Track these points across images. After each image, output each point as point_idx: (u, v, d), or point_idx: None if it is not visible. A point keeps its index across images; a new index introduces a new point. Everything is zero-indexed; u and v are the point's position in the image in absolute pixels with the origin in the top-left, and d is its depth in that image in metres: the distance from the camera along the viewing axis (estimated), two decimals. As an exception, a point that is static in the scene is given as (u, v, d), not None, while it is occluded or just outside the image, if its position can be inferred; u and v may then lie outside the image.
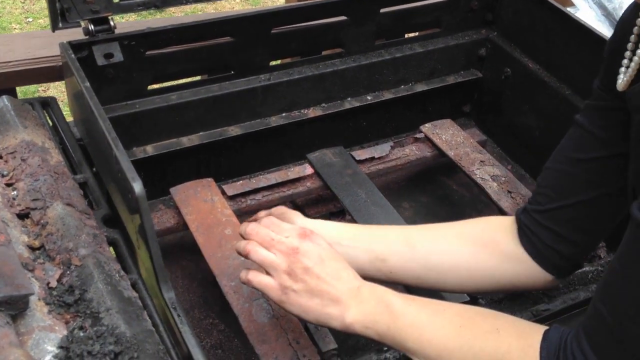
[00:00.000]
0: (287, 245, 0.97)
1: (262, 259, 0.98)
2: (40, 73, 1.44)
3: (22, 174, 1.07)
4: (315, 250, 0.97)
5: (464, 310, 0.94)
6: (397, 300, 0.95)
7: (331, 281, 0.95)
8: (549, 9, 1.48)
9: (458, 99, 1.73)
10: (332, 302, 0.95)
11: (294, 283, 0.95)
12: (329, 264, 0.97)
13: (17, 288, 0.83)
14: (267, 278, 0.98)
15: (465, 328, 0.90)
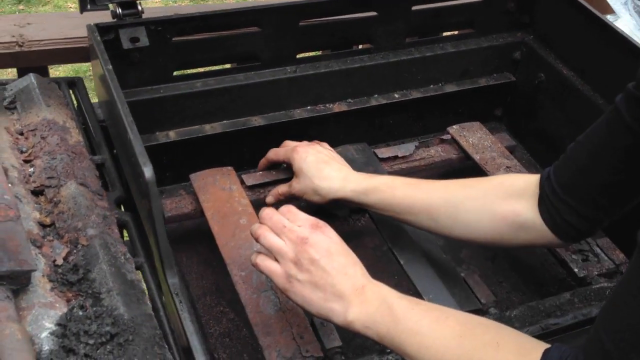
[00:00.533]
0: (297, 234, 0.97)
1: (270, 244, 0.99)
2: (71, 53, 1.47)
3: (41, 152, 1.08)
4: (325, 243, 0.97)
5: (466, 320, 0.93)
6: (401, 303, 0.94)
7: (336, 276, 0.95)
8: (587, 15, 1.44)
9: (489, 102, 1.70)
10: (335, 298, 0.95)
11: (299, 273, 0.96)
12: (337, 259, 0.97)
13: (20, 263, 0.84)
14: (274, 264, 0.99)
15: (465, 339, 0.89)
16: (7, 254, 0.84)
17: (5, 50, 1.42)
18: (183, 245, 1.38)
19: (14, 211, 0.90)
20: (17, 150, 1.08)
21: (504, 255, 1.41)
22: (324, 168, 1.27)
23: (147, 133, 1.35)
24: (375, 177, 1.26)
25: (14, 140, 1.10)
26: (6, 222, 0.88)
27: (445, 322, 0.91)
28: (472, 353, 0.87)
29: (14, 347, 0.76)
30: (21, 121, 1.14)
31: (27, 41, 1.43)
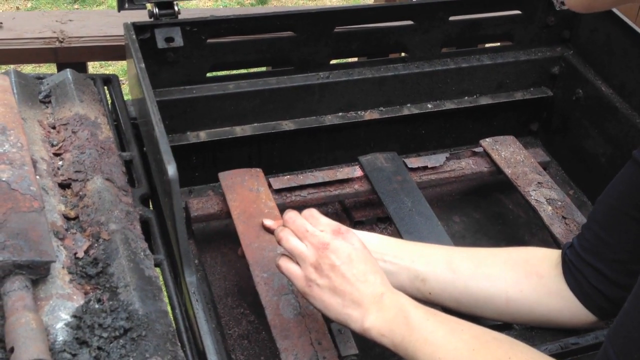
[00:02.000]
0: (319, 239, 0.98)
1: (292, 247, 0.99)
2: (109, 50, 1.50)
3: (70, 146, 1.10)
4: (346, 250, 0.97)
5: (481, 334, 0.92)
6: (417, 312, 0.94)
7: (355, 283, 0.95)
8: (629, 32, 1.42)
9: (525, 117, 1.68)
10: (353, 304, 0.95)
11: (319, 278, 0.96)
12: (357, 266, 0.96)
13: (40, 254, 0.86)
14: (295, 267, 0.99)
15: (478, 353, 0.88)
16: (28, 244, 0.86)
17: (45, 45, 1.45)
18: (208, 246, 1.39)
19: (38, 202, 0.92)
20: (48, 143, 1.11)
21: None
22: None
23: (178, 132, 1.37)
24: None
25: (46, 134, 1.12)
26: (30, 212, 0.90)
27: (460, 334, 0.90)
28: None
29: (28, 335, 0.77)
30: (54, 115, 1.16)
31: (67, 37, 1.46)
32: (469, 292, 1.08)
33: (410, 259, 1.10)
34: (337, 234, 0.99)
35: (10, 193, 0.91)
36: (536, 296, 1.05)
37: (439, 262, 1.10)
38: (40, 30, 1.47)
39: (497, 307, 1.08)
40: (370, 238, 1.12)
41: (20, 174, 0.95)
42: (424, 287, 1.09)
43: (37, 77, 1.25)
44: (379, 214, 1.48)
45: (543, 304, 1.06)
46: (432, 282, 1.09)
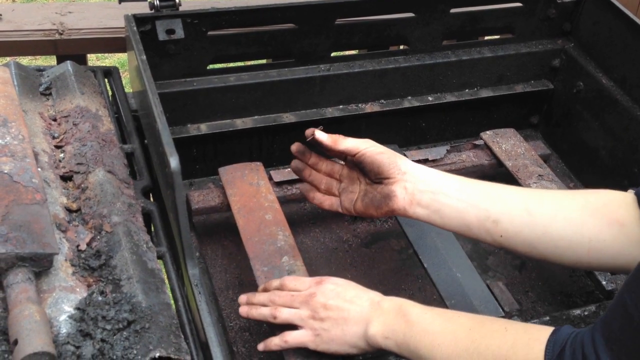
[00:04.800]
0: (305, 294, 1.01)
1: (287, 317, 1.01)
2: (110, 43, 1.49)
3: (72, 138, 1.10)
4: (330, 287, 1.01)
5: (477, 317, 0.95)
6: (414, 309, 0.96)
7: (350, 306, 0.98)
8: (631, 25, 1.41)
9: (526, 109, 1.67)
10: (356, 324, 0.97)
11: (321, 323, 0.98)
12: (348, 293, 1.00)
13: (43, 246, 0.86)
14: (299, 333, 1.00)
15: (474, 330, 0.90)
16: (31, 236, 0.86)
17: (45, 37, 1.45)
18: (209, 238, 1.39)
19: (40, 195, 0.92)
20: (49, 135, 1.10)
21: (532, 264, 1.39)
22: None
23: (178, 125, 1.37)
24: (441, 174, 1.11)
25: (47, 126, 1.12)
26: (32, 205, 0.90)
27: (456, 320, 0.93)
28: (480, 341, 0.88)
29: (31, 327, 0.77)
30: (55, 107, 1.16)
31: (67, 29, 1.46)
32: (548, 237, 1.01)
33: (480, 198, 1.03)
34: (319, 282, 1.02)
35: (12, 185, 0.91)
36: (619, 246, 0.99)
37: (513, 202, 1.02)
38: (39, 22, 1.47)
39: (577, 255, 1.01)
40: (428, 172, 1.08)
41: (22, 166, 0.95)
42: (495, 228, 1.02)
43: (38, 69, 1.25)
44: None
45: (626, 254, 0.99)
46: (505, 223, 1.02)
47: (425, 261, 1.28)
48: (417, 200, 1.05)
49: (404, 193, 1.06)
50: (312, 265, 1.35)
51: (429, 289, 1.31)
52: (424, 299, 1.31)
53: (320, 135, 1.10)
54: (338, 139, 1.10)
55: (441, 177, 1.07)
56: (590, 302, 1.20)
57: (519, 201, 1.03)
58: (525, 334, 0.86)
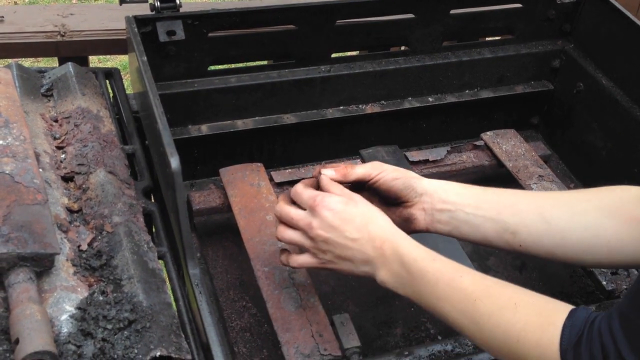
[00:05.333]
0: (303, 223, 0.99)
1: (289, 240, 1.01)
2: (111, 44, 1.49)
3: (73, 139, 1.11)
4: (327, 220, 0.97)
5: (481, 280, 0.91)
6: (416, 265, 0.94)
7: (353, 245, 0.97)
8: (631, 26, 1.42)
9: (526, 110, 1.68)
10: (363, 263, 0.97)
11: (324, 255, 0.99)
12: (345, 228, 0.97)
13: (44, 246, 0.86)
14: (303, 257, 1.01)
15: (481, 302, 0.87)
16: (32, 237, 0.86)
17: (47, 39, 1.45)
18: (210, 239, 1.40)
19: (41, 195, 0.92)
20: (51, 136, 1.11)
21: (532, 265, 1.39)
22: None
23: (179, 126, 1.37)
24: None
25: (48, 127, 1.12)
26: (34, 205, 0.90)
27: (460, 284, 0.90)
28: (487, 317, 0.85)
29: (33, 327, 0.78)
30: (56, 108, 1.17)
31: (68, 31, 1.46)
32: (566, 244, 1.01)
33: (496, 210, 1.03)
34: (314, 207, 0.98)
35: (13, 186, 0.92)
36: (639, 242, 0.98)
37: (529, 212, 1.02)
38: (41, 24, 1.47)
39: (598, 257, 1.01)
40: (446, 187, 1.06)
41: (24, 167, 0.95)
42: (513, 239, 1.03)
43: (39, 71, 1.26)
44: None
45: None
46: (523, 234, 1.02)
47: (425, 261, 1.28)
48: (436, 219, 1.06)
49: (423, 214, 1.06)
50: (313, 266, 1.35)
51: (430, 289, 1.32)
52: (425, 299, 1.31)
53: (328, 173, 1.07)
54: (347, 173, 1.07)
55: (458, 193, 1.06)
56: (590, 302, 1.20)
57: (534, 210, 1.03)
58: (538, 316, 0.82)
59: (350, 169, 1.06)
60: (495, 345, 0.86)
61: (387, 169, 1.06)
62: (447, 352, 1.05)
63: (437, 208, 1.05)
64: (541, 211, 1.02)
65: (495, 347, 0.86)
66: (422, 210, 1.06)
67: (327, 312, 1.12)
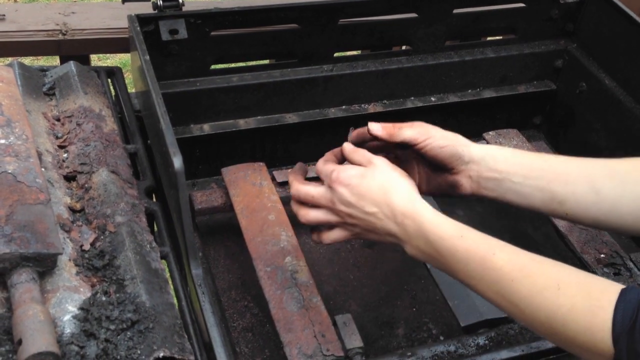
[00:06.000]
0: (325, 200, 0.97)
1: (315, 220, 1.00)
2: (113, 43, 1.49)
3: (75, 138, 1.10)
4: (344, 197, 0.95)
5: (515, 257, 0.86)
6: (443, 244, 0.90)
7: (373, 220, 0.94)
8: (634, 26, 1.41)
9: (528, 110, 1.67)
10: (388, 236, 0.95)
11: (352, 227, 0.98)
12: (362, 203, 0.94)
13: (47, 246, 0.86)
14: (335, 232, 1.00)
15: (519, 283, 0.83)
16: (35, 236, 0.86)
17: (49, 37, 1.45)
18: (212, 239, 1.39)
19: (44, 195, 0.92)
20: (53, 135, 1.10)
21: (534, 265, 1.39)
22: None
23: (181, 125, 1.37)
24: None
25: (50, 126, 1.12)
26: (36, 205, 0.90)
27: (493, 263, 0.85)
28: (528, 299, 0.82)
29: (35, 327, 0.77)
30: (58, 107, 1.16)
31: (70, 30, 1.46)
32: (615, 214, 0.98)
33: (546, 180, 1.00)
34: (331, 185, 0.97)
35: (16, 185, 0.91)
36: None
37: (578, 182, 0.99)
38: (43, 22, 1.47)
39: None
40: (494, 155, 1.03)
41: (26, 166, 0.95)
42: (560, 208, 1.01)
43: (41, 70, 1.25)
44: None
45: None
46: (571, 204, 1.00)
47: (428, 261, 1.27)
48: (483, 186, 1.04)
49: (470, 182, 1.04)
50: (315, 266, 1.35)
51: (432, 290, 1.31)
52: (427, 299, 1.31)
53: (374, 127, 1.03)
54: (394, 133, 1.03)
55: (507, 160, 1.03)
56: (593, 303, 1.20)
57: (584, 179, 1.00)
58: (585, 298, 0.78)
59: (398, 130, 1.02)
60: (538, 327, 0.83)
61: (434, 135, 1.02)
62: (450, 353, 1.05)
63: (484, 176, 1.03)
64: (591, 180, 0.99)
65: (539, 328, 0.83)
66: (469, 177, 1.04)
67: (329, 313, 1.12)
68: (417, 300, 1.32)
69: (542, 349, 1.04)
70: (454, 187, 1.05)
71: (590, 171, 1.01)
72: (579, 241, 1.33)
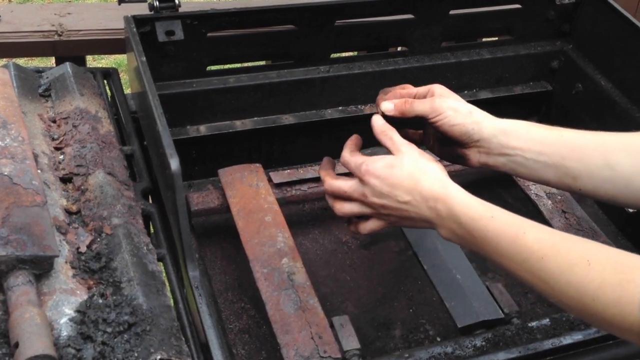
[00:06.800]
0: (358, 194, 0.99)
1: (351, 213, 1.02)
2: (109, 44, 1.49)
3: (71, 140, 1.10)
4: (376, 189, 0.97)
5: (546, 236, 0.87)
6: (475, 225, 0.91)
7: (408, 207, 0.96)
8: (630, 27, 1.41)
9: (524, 111, 1.67)
10: (422, 221, 0.97)
11: (387, 217, 0.99)
12: (395, 193, 0.96)
13: (44, 249, 0.85)
14: (371, 223, 1.02)
15: (549, 260, 0.83)
16: (32, 239, 0.85)
17: (44, 39, 1.45)
18: (208, 240, 1.39)
19: (40, 197, 0.92)
20: (49, 137, 1.10)
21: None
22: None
23: (177, 126, 1.37)
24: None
25: (47, 127, 1.11)
26: (32, 207, 0.89)
27: (524, 241, 0.86)
28: (558, 275, 0.82)
29: (32, 330, 0.77)
30: (54, 109, 1.16)
31: (66, 31, 1.45)
32: (630, 190, 0.98)
33: (560, 155, 1.01)
34: (361, 178, 0.98)
35: (12, 187, 0.91)
36: None
37: (594, 157, 0.99)
38: (39, 23, 1.46)
39: None
40: (507, 131, 1.04)
41: (22, 168, 0.95)
42: (574, 183, 1.01)
43: (37, 71, 1.25)
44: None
45: None
46: (585, 179, 1.00)
47: (424, 262, 1.28)
48: (492, 161, 1.05)
49: (478, 156, 1.05)
50: (312, 267, 1.35)
51: (429, 291, 1.31)
52: (424, 300, 1.31)
53: (386, 106, 1.06)
54: (406, 110, 1.05)
55: (520, 137, 1.03)
56: (589, 304, 1.20)
57: (599, 155, 0.99)
58: (616, 273, 0.78)
59: (409, 106, 1.04)
60: (568, 302, 0.83)
61: (445, 112, 1.03)
62: (447, 354, 1.05)
63: (495, 152, 1.04)
64: (606, 155, 0.99)
65: (568, 304, 0.83)
66: (478, 153, 1.05)
67: (326, 314, 1.12)
68: (413, 301, 1.32)
69: (539, 350, 1.04)
70: (464, 159, 1.07)
71: (606, 145, 1.00)
72: (575, 242, 1.33)
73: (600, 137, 1.02)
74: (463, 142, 1.05)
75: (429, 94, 1.07)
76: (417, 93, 1.08)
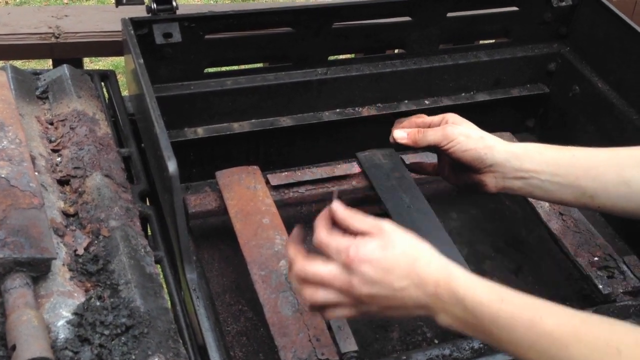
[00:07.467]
0: (341, 283, 0.86)
1: (325, 303, 0.89)
2: (106, 46, 1.49)
3: (69, 142, 1.10)
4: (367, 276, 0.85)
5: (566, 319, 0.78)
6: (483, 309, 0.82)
7: (402, 294, 0.85)
8: (626, 29, 1.42)
9: (522, 113, 1.68)
10: (417, 308, 0.87)
11: (369, 307, 0.88)
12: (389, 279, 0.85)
13: (41, 251, 0.85)
14: (344, 311, 0.89)
15: (574, 348, 0.75)
16: (29, 241, 0.85)
17: (41, 41, 1.45)
18: (205, 242, 1.39)
19: (38, 199, 0.92)
20: (46, 139, 1.10)
21: (528, 268, 1.39)
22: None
23: (175, 129, 1.37)
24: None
25: (44, 130, 1.11)
26: (30, 209, 0.89)
27: (542, 328, 0.78)
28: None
29: (29, 333, 0.77)
30: (52, 111, 1.16)
31: (63, 33, 1.45)
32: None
33: (574, 175, 1.00)
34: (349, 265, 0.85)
35: (9, 190, 0.91)
36: None
37: (608, 175, 0.99)
38: (35, 25, 1.46)
39: None
40: (519, 155, 1.02)
41: (20, 171, 0.95)
42: (592, 202, 1.00)
43: (34, 73, 1.25)
44: (376, 210, 1.47)
45: None
46: (602, 198, 0.99)
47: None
48: (508, 185, 1.04)
49: (494, 181, 1.05)
50: (309, 269, 1.35)
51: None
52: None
53: (399, 135, 1.05)
54: (418, 140, 1.04)
55: (533, 160, 1.02)
56: (587, 306, 1.20)
57: (614, 172, 0.99)
58: None
59: (421, 135, 1.04)
60: None
61: (457, 138, 1.03)
62: (445, 357, 1.05)
63: (509, 176, 1.04)
64: (621, 172, 0.99)
65: None
66: (493, 177, 1.05)
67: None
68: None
69: (537, 353, 1.04)
70: (479, 185, 1.06)
71: (620, 162, 1.00)
72: (573, 244, 1.33)
73: (613, 153, 1.02)
74: (476, 167, 1.04)
75: (442, 121, 1.07)
76: (432, 122, 1.08)
